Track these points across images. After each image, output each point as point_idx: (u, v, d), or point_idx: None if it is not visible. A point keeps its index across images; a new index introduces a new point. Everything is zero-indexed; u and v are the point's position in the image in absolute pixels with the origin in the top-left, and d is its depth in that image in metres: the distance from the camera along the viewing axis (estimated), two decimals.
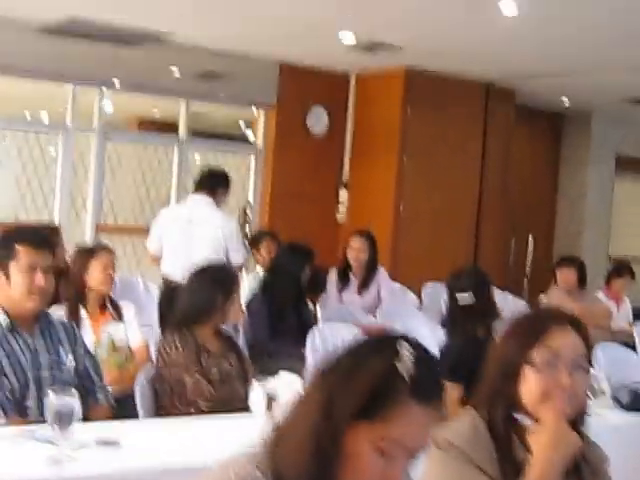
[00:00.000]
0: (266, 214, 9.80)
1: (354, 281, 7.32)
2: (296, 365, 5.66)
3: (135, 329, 5.04)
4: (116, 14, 7.74)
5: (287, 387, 3.44)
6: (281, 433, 1.79)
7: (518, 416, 2.30)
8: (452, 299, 4.75)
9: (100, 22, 7.93)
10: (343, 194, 10.14)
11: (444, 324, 4.90)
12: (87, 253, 5.01)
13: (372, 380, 1.67)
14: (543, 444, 2.22)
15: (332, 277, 7.32)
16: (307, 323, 6.17)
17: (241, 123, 11.49)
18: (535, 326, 2.35)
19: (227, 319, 4.31)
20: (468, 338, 4.56)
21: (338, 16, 7.59)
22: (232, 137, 11.35)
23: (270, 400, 3.34)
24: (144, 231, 9.40)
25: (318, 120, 10.03)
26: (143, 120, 13.09)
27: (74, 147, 8.97)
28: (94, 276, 4.93)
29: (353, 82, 10.21)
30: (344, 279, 7.30)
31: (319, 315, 6.78)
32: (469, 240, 10.21)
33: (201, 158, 9.93)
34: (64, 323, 3.67)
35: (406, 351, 1.70)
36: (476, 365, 2.45)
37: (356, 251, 7.26)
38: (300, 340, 5.95)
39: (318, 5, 7.23)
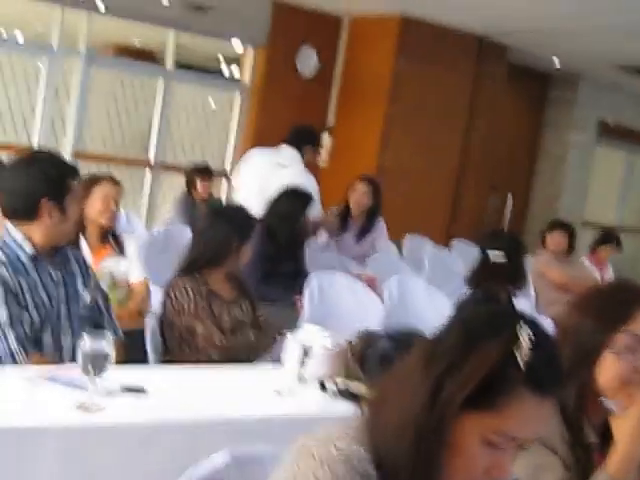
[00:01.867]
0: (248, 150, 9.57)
1: (352, 226, 7.09)
2: (289, 312, 5.56)
3: (136, 264, 4.82)
4: None
5: (318, 340, 3.30)
6: (379, 412, 1.62)
7: (603, 399, 2.17)
8: (483, 256, 4.66)
9: None
10: (326, 138, 9.93)
11: (468, 281, 4.78)
12: (90, 182, 4.74)
13: (486, 369, 1.51)
14: (627, 433, 2.10)
15: (327, 219, 7.12)
16: (301, 269, 6.02)
17: (225, 58, 11.18)
18: (620, 309, 2.19)
19: (240, 264, 4.13)
20: (490, 296, 4.46)
21: None
22: (215, 73, 11.05)
23: (305, 353, 3.18)
24: (123, 161, 9.23)
25: (307, 61, 9.76)
26: (120, 47, 12.73)
27: (59, 70, 8.62)
28: (94, 206, 4.66)
29: (346, 25, 9.96)
30: (343, 223, 7.06)
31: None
32: (448, 195, 10.10)
33: (185, 91, 9.63)
34: (77, 255, 3.46)
35: (526, 336, 1.54)
36: None
37: (359, 195, 7.04)
38: (292, 286, 5.84)
39: None
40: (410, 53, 9.44)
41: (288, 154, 6.76)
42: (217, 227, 4.05)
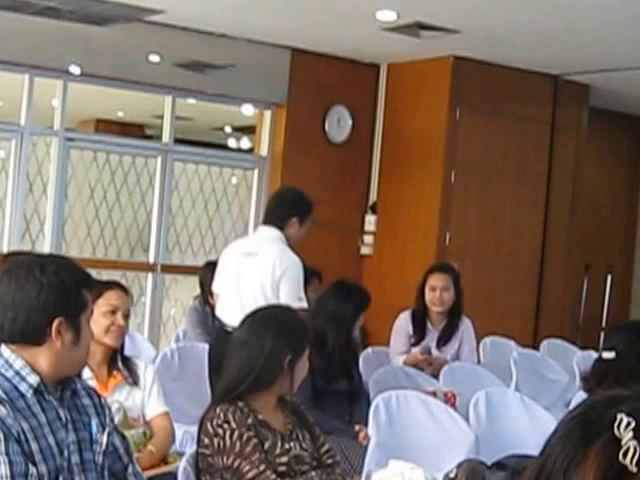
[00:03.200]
0: None
1: (432, 332, 6.93)
2: (349, 444, 5.44)
3: (154, 398, 4.74)
4: None
5: (408, 478, 3.22)
6: None
7: None
8: (599, 355, 4.59)
9: None
10: (370, 219, 9.94)
11: (583, 387, 4.71)
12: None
13: None
14: None
15: (402, 325, 6.95)
16: (357, 388, 5.93)
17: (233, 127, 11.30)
18: None
19: (294, 385, 4.05)
20: None
21: None
22: (224, 146, 11.16)
23: None
24: (117, 264, 9.22)
25: (339, 122, 9.85)
26: (102, 121, 12.94)
27: (31, 155, 8.67)
28: (97, 322, 4.46)
29: (384, 75, 10.04)
30: (420, 329, 6.89)
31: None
32: (531, 280, 10.00)
33: (188, 171, 9.66)
34: (88, 390, 3.38)
35: (627, 431, 1.39)
36: None
37: (440, 292, 6.82)
38: (347, 410, 5.75)
39: None
40: (468, 102, 9.49)
41: (258, 238, 6.46)
42: (262, 337, 3.95)
